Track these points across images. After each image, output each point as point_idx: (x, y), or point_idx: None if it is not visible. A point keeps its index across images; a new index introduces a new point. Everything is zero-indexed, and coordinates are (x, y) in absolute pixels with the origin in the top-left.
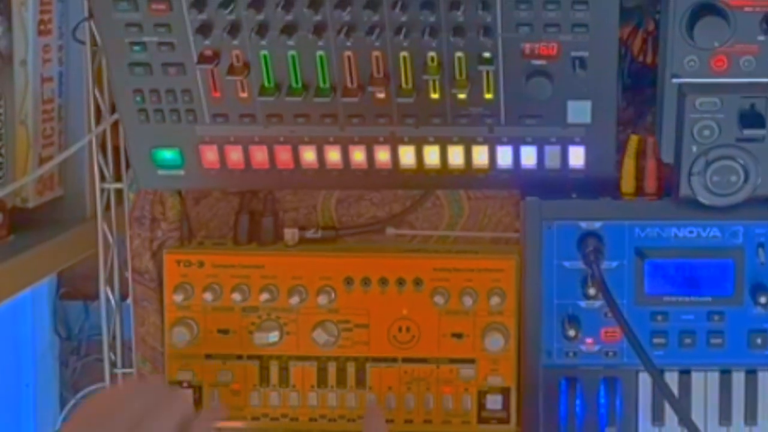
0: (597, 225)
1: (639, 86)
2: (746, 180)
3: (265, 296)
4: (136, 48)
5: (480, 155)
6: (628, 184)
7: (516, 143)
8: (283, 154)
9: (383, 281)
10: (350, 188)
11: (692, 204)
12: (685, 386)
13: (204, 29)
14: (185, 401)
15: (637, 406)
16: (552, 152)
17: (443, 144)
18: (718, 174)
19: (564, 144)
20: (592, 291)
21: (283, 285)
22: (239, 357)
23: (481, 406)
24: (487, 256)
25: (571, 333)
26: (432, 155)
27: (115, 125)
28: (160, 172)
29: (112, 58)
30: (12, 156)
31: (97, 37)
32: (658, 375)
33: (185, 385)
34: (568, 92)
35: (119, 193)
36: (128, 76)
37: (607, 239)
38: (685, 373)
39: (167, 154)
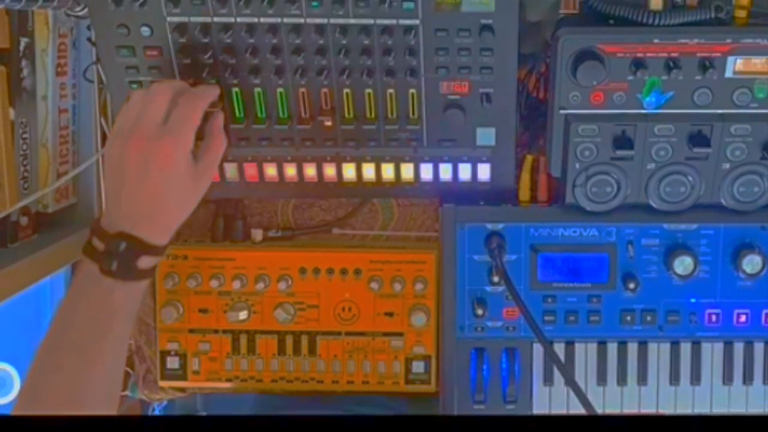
0: (500, 226)
1: (533, 116)
2: (618, 191)
3: (236, 283)
4: (134, 86)
5: (407, 171)
6: (524, 194)
7: (436, 161)
8: (251, 170)
9: (330, 271)
10: (304, 197)
11: (576, 209)
12: (570, 354)
13: (188, 70)
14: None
15: (531, 371)
16: (464, 168)
17: (378, 162)
18: (596, 186)
19: (474, 162)
20: (496, 279)
21: (250, 274)
22: (216, 331)
23: (407, 370)
24: (412, 251)
25: (480, 312)
26: (369, 171)
27: None
28: None
29: (114, 93)
30: (36, 171)
31: (103, 77)
32: (548, 346)
33: (173, 353)
34: (477, 121)
35: None
36: None
37: (508, 237)
38: (569, 344)
39: None
